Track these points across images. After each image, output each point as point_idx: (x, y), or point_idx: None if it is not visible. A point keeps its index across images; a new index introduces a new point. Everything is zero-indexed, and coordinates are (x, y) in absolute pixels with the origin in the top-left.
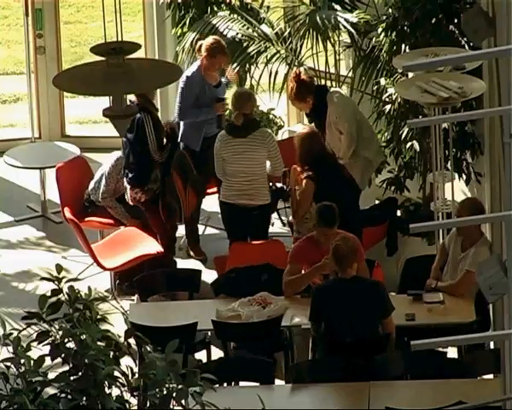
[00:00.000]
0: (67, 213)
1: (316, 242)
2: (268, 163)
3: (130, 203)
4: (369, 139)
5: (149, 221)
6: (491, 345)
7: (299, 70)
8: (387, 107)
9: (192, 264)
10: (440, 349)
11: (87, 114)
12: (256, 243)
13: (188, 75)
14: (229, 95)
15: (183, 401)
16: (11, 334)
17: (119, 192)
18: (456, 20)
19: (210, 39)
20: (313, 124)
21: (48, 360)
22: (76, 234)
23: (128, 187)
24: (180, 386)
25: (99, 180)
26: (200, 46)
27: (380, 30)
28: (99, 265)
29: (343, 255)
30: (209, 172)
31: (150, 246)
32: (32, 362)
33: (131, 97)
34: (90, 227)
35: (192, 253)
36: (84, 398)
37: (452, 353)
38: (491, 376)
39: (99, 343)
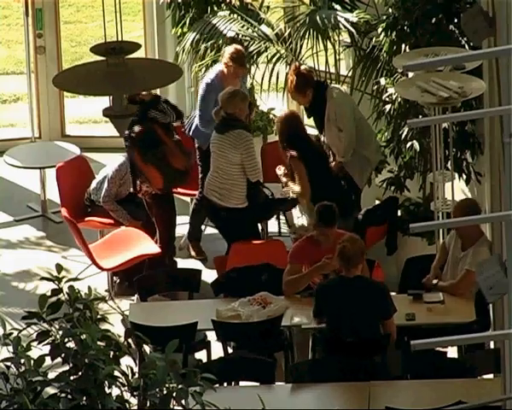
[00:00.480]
0: (64, 212)
1: (316, 241)
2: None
3: (139, 195)
4: (368, 138)
5: (155, 216)
6: (491, 345)
7: (299, 63)
8: (387, 107)
9: (192, 264)
10: (440, 349)
11: (87, 114)
12: (257, 242)
13: (207, 82)
14: None
15: (183, 401)
16: (11, 334)
17: (121, 196)
18: (456, 20)
19: (233, 48)
20: (312, 120)
21: (48, 360)
22: (73, 234)
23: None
24: (180, 386)
25: (101, 181)
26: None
27: (380, 30)
28: (96, 265)
29: (349, 256)
30: None
31: (148, 246)
32: (31, 362)
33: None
34: (91, 227)
35: (193, 252)
36: (84, 398)
37: (452, 353)
38: (491, 376)
39: (99, 343)
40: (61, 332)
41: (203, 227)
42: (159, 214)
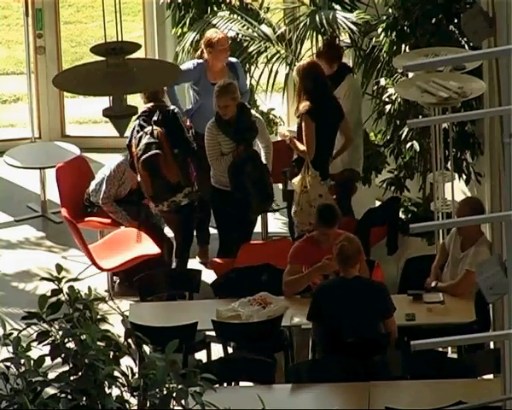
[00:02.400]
0: (64, 212)
1: (316, 242)
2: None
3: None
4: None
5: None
6: (491, 345)
7: (334, 35)
8: (387, 107)
9: (192, 264)
10: (440, 349)
11: (87, 114)
12: (265, 241)
13: (193, 63)
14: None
15: (182, 401)
16: (11, 334)
17: (120, 196)
18: (456, 20)
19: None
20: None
21: (48, 360)
22: (73, 234)
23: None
24: (180, 386)
25: (100, 183)
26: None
27: (380, 30)
28: (96, 265)
29: (348, 256)
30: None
31: (148, 246)
32: (31, 362)
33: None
34: (90, 227)
35: (199, 255)
36: (84, 398)
37: (452, 353)
38: (491, 376)
39: (99, 343)
40: (60, 332)
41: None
42: (171, 228)
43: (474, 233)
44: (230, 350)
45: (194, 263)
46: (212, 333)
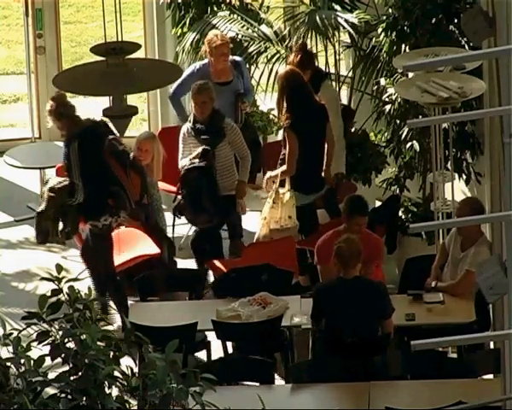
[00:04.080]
0: None
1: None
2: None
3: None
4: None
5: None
6: (491, 345)
7: (304, 42)
8: (387, 107)
9: (192, 264)
10: (440, 349)
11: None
12: (268, 242)
13: (196, 66)
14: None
15: (182, 402)
16: (11, 334)
17: None
18: (456, 20)
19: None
20: None
21: (48, 360)
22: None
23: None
24: (180, 386)
25: None
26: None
27: (380, 30)
28: None
29: (346, 257)
30: None
31: (148, 246)
32: (31, 362)
33: None
34: None
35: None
36: (84, 398)
37: (452, 353)
38: (491, 376)
39: (99, 343)
40: (60, 332)
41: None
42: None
43: (475, 233)
44: (230, 350)
45: (194, 263)
46: (213, 333)
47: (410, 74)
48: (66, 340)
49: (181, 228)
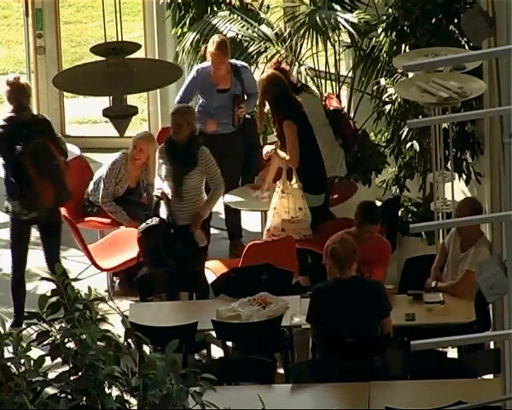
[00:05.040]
0: (64, 212)
1: (355, 239)
2: None
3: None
4: (331, 144)
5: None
6: (491, 345)
7: (281, 58)
8: (387, 107)
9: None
10: (440, 349)
11: (87, 114)
12: (269, 241)
13: (197, 69)
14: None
15: (182, 401)
16: (11, 334)
17: (118, 194)
18: (456, 20)
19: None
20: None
21: (48, 360)
22: (73, 234)
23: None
24: (180, 386)
25: (98, 182)
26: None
27: (380, 30)
28: (96, 265)
29: (341, 258)
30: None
31: None
32: (31, 362)
33: None
34: (90, 227)
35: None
36: (84, 398)
37: (452, 353)
38: (491, 376)
39: (99, 343)
40: (61, 332)
41: None
42: None
43: (474, 233)
44: (230, 350)
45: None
46: (213, 333)
47: (410, 74)
48: (66, 340)
49: None
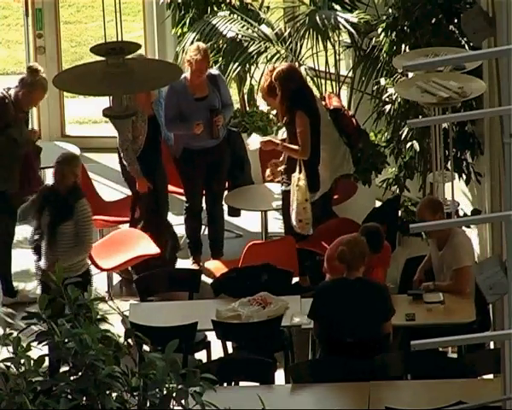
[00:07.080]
0: None
1: None
2: None
3: None
4: (336, 143)
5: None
6: (491, 345)
7: (274, 67)
8: (387, 107)
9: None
10: (440, 349)
11: (87, 114)
12: (269, 241)
13: (171, 86)
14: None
15: (182, 401)
16: (11, 334)
17: (137, 145)
18: (456, 20)
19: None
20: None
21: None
22: None
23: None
24: (180, 386)
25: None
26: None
27: (380, 30)
28: (96, 265)
29: (348, 260)
30: (198, 186)
31: (148, 246)
32: (31, 362)
33: None
34: None
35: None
36: (84, 398)
37: (452, 353)
38: (491, 376)
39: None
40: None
41: (203, 227)
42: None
43: (443, 232)
44: (230, 350)
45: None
46: (213, 333)
47: (410, 74)
48: (66, 340)
49: (181, 228)
